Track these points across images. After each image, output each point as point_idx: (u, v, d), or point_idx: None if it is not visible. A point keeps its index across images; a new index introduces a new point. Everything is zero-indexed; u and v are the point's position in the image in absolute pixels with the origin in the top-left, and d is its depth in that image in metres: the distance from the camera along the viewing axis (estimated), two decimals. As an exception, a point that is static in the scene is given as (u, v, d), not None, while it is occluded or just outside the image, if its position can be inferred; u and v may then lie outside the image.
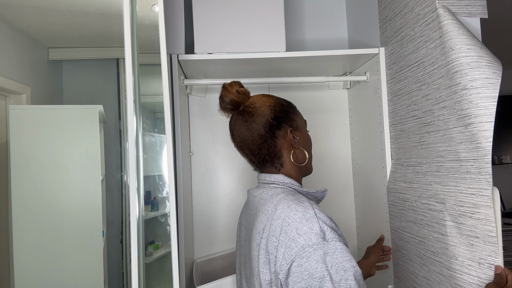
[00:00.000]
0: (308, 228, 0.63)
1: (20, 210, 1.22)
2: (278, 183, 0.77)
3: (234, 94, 0.79)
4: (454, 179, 0.85)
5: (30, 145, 1.25)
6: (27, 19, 1.32)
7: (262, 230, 0.69)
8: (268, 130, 0.78)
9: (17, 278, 1.20)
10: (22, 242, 1.21)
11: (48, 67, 1.45)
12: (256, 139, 0.78)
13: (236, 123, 0.81)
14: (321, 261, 0.60)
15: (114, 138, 1.51)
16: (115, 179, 1.49)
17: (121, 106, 1.51)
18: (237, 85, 0.81)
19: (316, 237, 0.62)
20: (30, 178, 1.24)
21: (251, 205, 0.81)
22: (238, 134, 0.81)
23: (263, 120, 0.78)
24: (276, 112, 0.79)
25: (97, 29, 1.42)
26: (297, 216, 0.65)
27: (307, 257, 0.60)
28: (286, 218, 0.66)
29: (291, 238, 0.63)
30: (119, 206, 1.49)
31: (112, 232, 1.47)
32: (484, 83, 0.75)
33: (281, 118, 0.79)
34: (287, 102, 0.84)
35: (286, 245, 0.63)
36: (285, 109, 0.81)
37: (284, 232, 0.64)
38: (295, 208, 0.66)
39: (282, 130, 0.79)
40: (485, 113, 0.74)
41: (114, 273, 1.47)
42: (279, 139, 0.79)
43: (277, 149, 0.79)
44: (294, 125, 0.81)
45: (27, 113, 1.28)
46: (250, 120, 0.79)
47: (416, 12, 0.96)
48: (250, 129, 0.78)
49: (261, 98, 0.82)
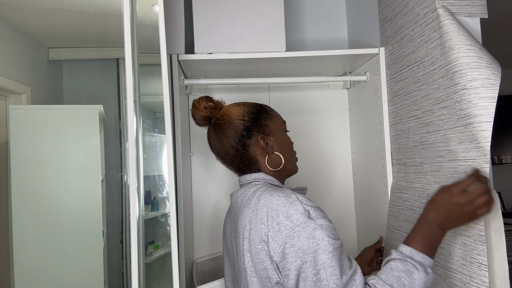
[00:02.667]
0: (293, 210, 0.67)
1: (20, 210, 1.22)
2: (259, 179, 0.80)
3: (202, 110, 0.83)
4: (453, 179, 0.85)
5: (30, 145, 1.25)
6: (27, 19, 1.32)
7: (249, 223, 0.71)
8: (238, 141, 0.80)
9: (17, 278, 1.20)
10: (22, 242, 1.21)
11: (48, 67, 1.45)
12: (228, 151, 0.82)
13: (210, 136, 0.86)
14: (311, 237, 0.64)
15: (114, 138, 1.51)
16: (115, 179, 1.49)
17: (121, 106, 1.51)
18: (204, 100, 0.85)
19: (302, 217, 0.66)
20: (30, 178, 1.24)
21: (234, 207, 0.83)
22: (213, 146, 0.86)
23: (233, 132, 0.81)
24: (245, 122, 0.81)
25: (97, 29, 1.42)
26: (281, 201, 0.69)
27: (298, 237, 0.65)
28: (270, 205, 0.69)
29: (279, 222, 0.66)
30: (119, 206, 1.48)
31: (112, 232, 1.47)
32: (484, 83, 0.75)
33: (251, 127, 0.81)
34: (258, 108, 0.85)
35: (275, 229, 0.66)
36: (255, 116, 0.83)
37: (271, 217, 0.68)
38: (277, 195, 0.70)
39: (252, 139, 0.81)
40: (484, 113, 0.74)
41: (114, 273, 1.47)
42: (251, 147, 0.81)
43: (251, 157, 0.81)
44: (266, 130, 0.83)
45: (27, 113, 1.28)
46: (221, 133, 0.82)
47: (416, 12, 0.96)
48: (221, 142, 0.82)
49: (231, 108, 0.84)
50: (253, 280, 0.70)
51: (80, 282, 1.28)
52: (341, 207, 1.50)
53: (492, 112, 0.74)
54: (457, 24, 0.83)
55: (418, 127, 0.99)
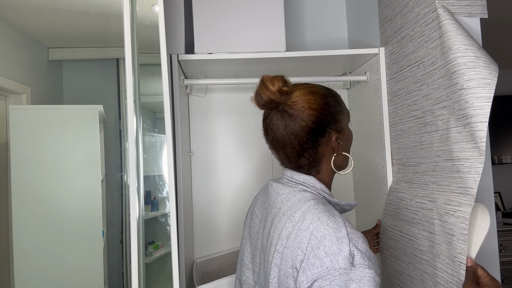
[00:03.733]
0: (337, 249, 0.57)
1: (20, 210, 1.22)
2: (308, 185, 0.70)
3: (275, 95, 0.67)
4: (446, 178, 0.85)
5: (30, 145, 1.25)
6: (27, 19, 1.32)
7: (286, 238, 0.63)
8: (311, 137, 0.68)
9: (17, 278, 1.20)
10: (22, 242, 1.21)
11: (48, 67, 1.45)
12: (295, 146, 0.69)
13: (273, 122, 0.71)
14: (344, 286, 0.55)
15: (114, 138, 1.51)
16: (115, 179, 1.49)
17: (121, 106, 1.51)
18: (281, 81, 0.67)
19: (344, 261, 0.57)
20: (30, 178, 1.24)
21: (272, 202, 0.73)
22: (274, 137, 0.71)
23: (306, 126, 0.68)
24: (322, 117, 0.69)
25: (97, 29, 1.42)
26: (328, 232, 0.59)
27: (330, 280, 0.56)
28: (315, 232, 0.60)
29: (317, 255, 0.58)
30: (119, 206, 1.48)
31: (112, 232, 1.47)
32: (480, 83, 0.75)
33: (327, 122, 0.69)
34: (334, 99, 0.73)
35: (310, 262, 0.58)
36: (332, 110, 0.70)
37: (310, 247, 0.59)
38: (326, 223, 0.61)
39: (326, 137, 0.70)
40: (479, 113, 0.74)
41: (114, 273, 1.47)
42: (321, 147, 0.70)
43: (318, 157, 0.70)
44: (339, 127, 0.72)
45: (27, 113, 1.28)
46: (291, 124, 0.68)
47: (416, 12, 0.96)
48: (289, 134, 0.68)
49: (306, 96, 0.69)
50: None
51: (80, 282, 1.28)
52: (341, 207, 1.50)
53: (487, 112, 0.74)
54: (457, 24, 0.83)
55: (418, 127, 0.99)
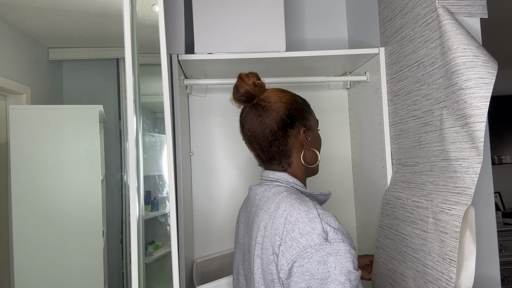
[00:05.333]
0: (310, 228, 0.62)
1: (20, 210, 1.22)
2: (282, 181, 0.75)
3: (250, 86, 0.76)
4: (443, 178, 0.85)
5: (30, 145, 1.25)
6: (27, 19, 1.32)
7: (264, 228, 0.68)
8: (282, 127, 0.75)
9: (17, 278, 1.20)
10: (22, 242, 1.21)
11: (48, 67, 1.45)
12: (267, 135, 0.76)
13: (248, 116, 0.78)
14: (322, 262, 0.59)
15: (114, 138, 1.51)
16: (115, 179, 1.49)
17: (121, 106, 1.51)
18: (254, 76, 0.77)
19: (318, 238, 0.60)
20: (30, 178, 1.24)
21: (251, 202, 0.79)
22: (249, 128, 0.78)
23: (277, 116, 0.75)
24: (292, 110, 0.76)
25: (97, 29, 1.42)
26: (300, 215, 0.64)
27: (309, 258, 0.60)
28: (288, 217, 0.65)
29: (293, 237, 0.62)
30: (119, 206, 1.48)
31: (112, 232, 1.47)
32: (478, 83, 0.75)
33: (296, 116, 0.77)
34: (302, 100, 0.82)
35: (287, 245, 0.62)
36: (300, 108, 0.79)
37: (286, 231, 0.63)
38: (298, 207, 0.65)
39: (295, 129, 0.77)
40: (477, 113, 0.74)
41: (114, 273, 1.47)
42: (291, 138, 0.77)
43: (288, 148, 0.77)
44: (307, 124, 0.79)
45: (27, 113, 1.28)
46: (264, 115, 0.75)
47: (416, 12, 0.96)
48: (262, 124, 0.75)
49: (277, 93, 0.78)
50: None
51: (80, 282, 1.28)
52: (341, 207, 1.50)
53: (485, 112, 0.74)
54: (456, 24, 0.83)
55: (418, 127, 0.99)
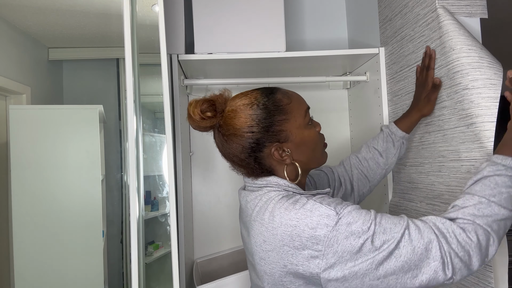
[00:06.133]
0: (317, 217, 0.58)
1: (20, 210, 1.22)
2: (272, 185, 0.69)
3: (199, 122, 0.69)
4: (455, 179, 0.85)
5: (30, 145, 1.25)
6: (27, 19, 1.32)
7: (264, 242, 0.63)
8: (248, 155, 0.68)
9: (17, 278, 1.20)
10: (22, 242, 1.21)
11: (48, 67, 1.45)
12: (238, 163, 0.71)
13: (216, 141, 0.73)
14: (349, 235, 0.56)
15: (114, 138, 1.51)
16: (115, 179, 1.49)
17: (121, 106, 1.51)
18: (199, 108, 0.68)
19: (329, 219, 0.58)
20: (30, 178, 1.24)
21: (244, 211, 0.73)
22: (222, 152, 0.73)
23: (240, 146, 0.68)
24: (254, 134, 0.66)
25: (97, 29, 1.42)
26: (300, 213, 0.60)
27: (336, 242, 0.57)
28: (289, 222, 0.60)
29: (308, 236, 0.58)
30: (119, 206, 1.49)
31: (112, 232, 1.47)
32: (486, 83, 0.75)
33: (261, 138, 0.67)
34: (270, 109, 0.68)
35: (307, 246, 0.58)
36: (267, 124, 0.67)
37: (297, 236, 0.59)
38: (293, 207, 0.61)
39: (265, 151, 0.68)
40: (486, 113, 0.75)
41: (114, 273, 1.47)
42: (264, 160, 0.69)
43: (267, 169, 0.70)
44: (282, 137, 0.68)
45: (27, 113, 1.28)
46: (227, 145, 0.70)
47: (416, 12, 0.96)
48: (228, 153, 0.71)
49: (236, 115, 0.68)
50: None
51: (80, 282, 1.28)
52: (341, 207, 1.49)
53: (495, 112, 0.74)
54: (457, 24, 0.83)
55: (418, 127, 0.99)
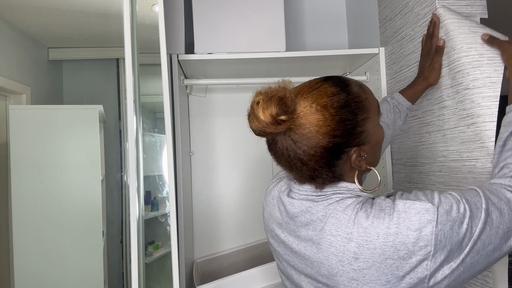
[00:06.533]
0: (416, 216, 0.51)
1: (20, 210, 1.22)
2: (342, 191, 0.58)
3: (269, 127, 0.53)
4: (456, 179, 0.85)
5: (30, 145, 1.25)
6: (27, 19, 1.32)
7: (355, 260, 0.53)
8: (324, 163, 0.56)
9: (17, 278, 1.19)
10: (22, 242, 1.21)
11: (48, 67, 1.45)
12: (304, 172, 0.58)
13: (276, 146, 0.58)
14: (452, 224, 0.51)
15: (114, 138, 1.51)
16: (115, 179, 1.49)
17: (121, 106, 1.51)
18: (275, 107, 0.52)
19: (429, 213, 0.51)
20: (30, 178, 1.24)
21: (294, 221, 0.61)
22: (279, 160, 0.60)
23: (315, 155, 0.55)
24: (336, 140, 0.55)
25: (97, 29, 1.42)
26: (395, 217, 0.52)
27: (444, 235, 0.50)
28: (388, 231, 0.51)
29: (414, 241, 0.50)
30: (119, 206, 1.48)
31: (112, 232, 1.47)
32: (486, 82, 0.75)
33: (343, 143, 0.56)
34: (354, 106, 0.57)
35: (414, 252, 0.50)
36: (351, 126, 0.56)
37: (401, 245, 0.50)
38: (384, 213, 0.52)
39: (343, 158, 0.57)
40: (487, 112, 0.75)
41: (114, 273, 1.47)
42: (338, 166, 0.58)
43: (336, 176, 0.59)
44: (361, 139, 0.58)
45: (27, 113, 1.28)
46: (296, 151, 0.56)
47: (416, 12, 0.96)
48: (295, 161, 0.57)
49: (313, 116, 0.55)
50: None
51: (80, 282, 1.28)
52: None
53: (496, 111, 0.74)
54: (458, 22, 0.83)
55: (419, 127, 0.99)
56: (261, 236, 1.47)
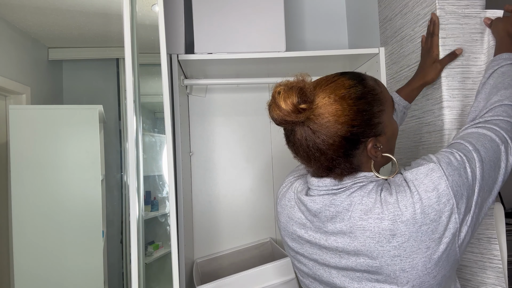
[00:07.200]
0: (427, 177, 0.55)
1: (20, 210, 1.22)
2: (362, 180, 0.60)
3: (290, 115, 0.56)
4: None
5: (30, 145, 1.25)
6: (27, 19, 1.32)
7: (392, 238, 0.54)
8: (341, 153, 0.58)
9: (17, 278, 1.19)
10: (22, 242, 1.21)
11: (48, 67, 1.45)
12: (322, 162, 0.60)
13: (294, 135, 0.61)
14: (457, 172, 0.55)
15: (114, 138, 1.51)
16: (115, 179, 1.49)
17: (121, 106, 1.51)
18: (296, 96, 0.55)
19: (435, 171, 0.55)
20: (30, 178, 1.24)
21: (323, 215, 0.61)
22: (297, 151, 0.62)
23: (334, 144, 0.57)
24: (354, 129, 0.57)
25: (97, 29, 1.42)
26: (412, 187, 0.55)
27: (457, 184, 0.54)
28: (411, 200, 0.54)
29: (436, 199, 0.53)
30: (119, 206, 1.48)
31: (112, 232, 1.47)
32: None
33: (361, 134, 0.58)
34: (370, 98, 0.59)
35: (442, 211, 0.53)
36: (368, 117, 0.58)
37: (428, 207, 0.53)
38: (403, 188, 0.56)
39: (360, 148, 0.59)
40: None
41: (114, 273, 1.47)
42: (356, 157, 0.60)
43: (353, 167, 0.60)
44: (378, 130, 0.60)
45: (27, 113, 1.28)
46: (315, 141, 0.58)
47: (416, 12, 0.96)
48: (314, 151, 0.59)
49: (332, 107, 0.57)
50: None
51: (80, 282, 1.28)
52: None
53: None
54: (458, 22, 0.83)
55: (419, 127, 0.99)
56: (261, 236, 1.47)
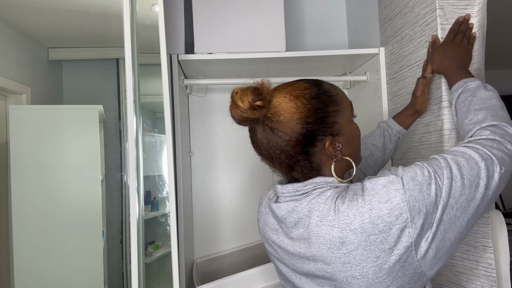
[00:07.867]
0: (383, 189, 0.55)
1: (20, 210, 1.22)
2: (322, 185, 0.62)
3: (247, 112, 0.60)
4: None
5: (30, 145, 1.25)
6: (27, 19, 1.32)
7: (342, 245, 0.55)
8: (300, 150, 0.61)
9: (17, 278, 1.20)
10: (22, 242, 1.21)
11: (48, 67, 1.45)
12: (283, 160, 0.63)
13: (256, 136, 0.65)
14: (420, 187, 0.54)
15: (114, 138, 1.51)
16: (115, 179, 1.49)
17: (121, 106, 1.51)
18: (250, 95, 0.60)
19: (394, 184, 0.54)
20: (30, 178, 1.24)
21: (285, 222, 0.64)
22: (260, 151, 0.66)
23: (291, 139, 0.60)
24: (309, 126, 0.60)
25: (97, 29, 1.42)
26: (366, 196, 0.55)
27: (415, 199, 0.53)
28: (361, 209, 0.54)
29: (388, 212, 0.53)
30: (119, 206, 1.49)
31: (112, 232, 1.47)
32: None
33: (316, 130, 0.61)
34: (324, 99, 0.63)
35: (392, 223, 0.53)
36: (322, 115, 0.61)
37: (377, 218, 0.53)
38: (357, 196, 0.56)
39: (318, 145, 0.61)
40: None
41: (114, 273, 1.47)
42: (314, 156, 0.62)
43: (314, 166, 0.63)
44: (335, 130, 0.62)
45: (27, 113, 1.28)
46: (274, 139, 0.61)
47: (416, 12, 0.96)
48: (274, 149, 0.62)
49: (287, 105, 0.61)
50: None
51: (80, 282, 1.28)
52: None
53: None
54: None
55: (418, 127, 0.99)
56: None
